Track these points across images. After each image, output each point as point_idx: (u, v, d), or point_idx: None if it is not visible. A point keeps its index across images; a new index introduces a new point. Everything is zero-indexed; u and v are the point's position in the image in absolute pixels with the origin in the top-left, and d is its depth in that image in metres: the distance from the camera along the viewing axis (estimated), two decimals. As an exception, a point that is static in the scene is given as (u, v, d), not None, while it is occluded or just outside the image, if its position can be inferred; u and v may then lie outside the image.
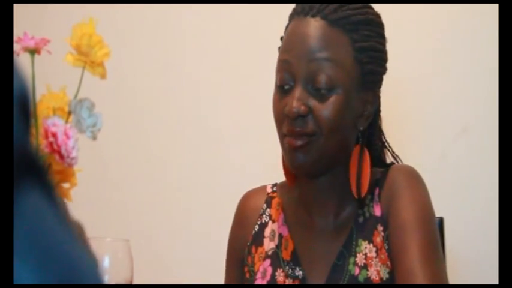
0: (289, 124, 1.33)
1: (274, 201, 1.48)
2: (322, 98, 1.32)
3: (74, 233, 0.52)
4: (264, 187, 1.51)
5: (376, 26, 1.40)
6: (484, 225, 2.02)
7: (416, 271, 1.27)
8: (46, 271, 0.48)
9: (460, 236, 2.00)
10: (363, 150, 1.38)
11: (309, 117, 1.32)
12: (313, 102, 1.32)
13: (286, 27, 1.40)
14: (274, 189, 1.50)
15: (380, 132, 1.46)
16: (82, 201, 1.61)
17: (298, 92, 1.32)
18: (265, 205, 1.49)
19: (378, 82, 1.41)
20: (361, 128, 1.38)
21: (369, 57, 1.37)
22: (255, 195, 1.51)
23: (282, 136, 1.35)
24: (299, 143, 1.32)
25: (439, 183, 2.07)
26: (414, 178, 1.39)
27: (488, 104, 2.01)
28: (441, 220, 1.67)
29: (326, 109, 1.32)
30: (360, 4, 1.39)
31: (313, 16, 1.34)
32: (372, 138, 1.42)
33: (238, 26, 2.25)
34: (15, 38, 0.96)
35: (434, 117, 2.10)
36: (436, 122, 2.10)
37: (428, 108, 2.11)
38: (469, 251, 2.04)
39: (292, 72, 1.33)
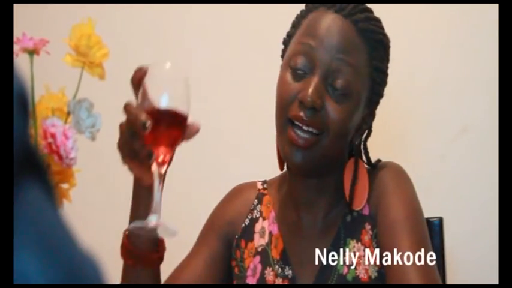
0: (299, 110, 1.31)
1: (265, 199, 1.48)
2: (336, 99, 1.32)
3: (73, 231, 0.52)
4: (255, 183, 1.51)
5: (388, 51, 1.42)
6: (484, 225, 2.02)
7: (409, 270, 1.26)
8: (52, 264, 0.48)
9: (459, 236, 2.00)
10: (358, 163, 1.39)
11: (320, 113, 1.31)
12: (327, 100, 1.32)
13: (303, 16, 1.39)
14: (265, 186, 1.50)
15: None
16: (81, 202, 1.61)
17: (317, 83, 1.31)
18: (256, 200, 1.49)
19: (377, 104, 1.42)
20: (356, 143, 1.40)
21: (380, 79, 1.39)
22: (247, 189, 1.51)
23: (285, 120, 1.33)
24: (302, 142, 1.31)
25: (438, 183, 2.07)
26: (401, 176, 1.39)
27: (488, 104, 2.01)
28: (441, 220, 1.67)
29: (338, 112, 1.32)
30: (380, 21, 1.39)
31: (344, 16, 1.34)
32: (360, 154, 1.43)
33: (238, 26, 2.25)
34: (14, 38, 0.96)
35: (434, 117, 2.10)
36: (435, 122, 2.10)
37: (428, 108, 2.11)
38: (469, 251, 2.04)
39: (314, 60, 1.32)
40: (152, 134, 1.09)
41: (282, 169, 1.45)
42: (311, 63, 1.32)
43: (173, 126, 1.14)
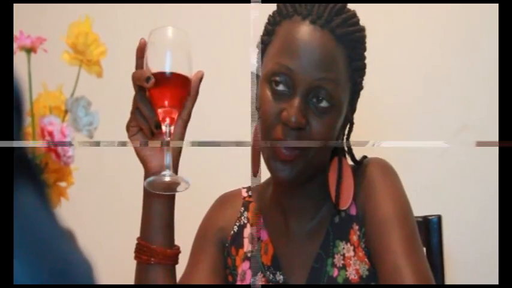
0: (283, 131, 1.30)
1: (252, 205, 1.48)
2: (319, 113, 1.30)
3: (66, 232, 0.52)
4: (239, 191, 1.51)
5: (365, 42, 1.38)
6: (483, 223, 2.02)
7: (401, 267, 1.26)
8: (38, 267, 0.48)
9: (458, 234, 1.99)
10: (342, 162, 1.38)
11: (305, 130, 1.30)
12: (311, 117, 1.30)
13: (277, 22, 1.36)
14: (250, 193, 1.50)
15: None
16: (79, 200, 1.60)
17: (299, 103, 1.29)
18: (242, 208, 1.48)
19: (358, 98, 1.40)
20: (340, 141, 1.38)
21: (360, 77, 1.37)
22: (232, 198, 1.51)
23: (269, 138, 1.32)
24: (288, 154, 1.30)
25: (437, 181, 2.06)
26: (387, 172, 1.37)
27: (488, 102, 2.01)
28: (439, 218, 1.67)
29: (322, 126, 1.30)
30: (355, 16, 1.36)
31: (321, 26, 1.31)
32: (343, 152, 1.42)
33: (237, 26, 2.24)
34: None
35: (434, 115, 2.10)
36: (435, 120, 2.10)
37: (427, 106, 2.11)
38: (467, 249, 2.03)
39: (294, 81, 1.30)
40: (158, 95, 1.20)
41: (255, 176, 1.44)
42: (292, 84, 1.30)
43: (177, 87, 1.23)
